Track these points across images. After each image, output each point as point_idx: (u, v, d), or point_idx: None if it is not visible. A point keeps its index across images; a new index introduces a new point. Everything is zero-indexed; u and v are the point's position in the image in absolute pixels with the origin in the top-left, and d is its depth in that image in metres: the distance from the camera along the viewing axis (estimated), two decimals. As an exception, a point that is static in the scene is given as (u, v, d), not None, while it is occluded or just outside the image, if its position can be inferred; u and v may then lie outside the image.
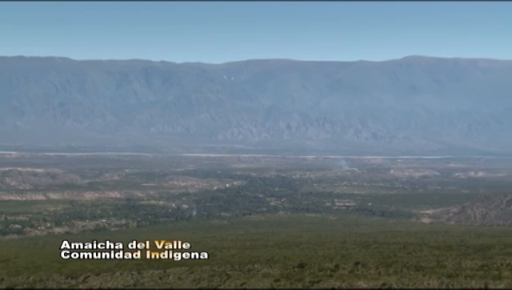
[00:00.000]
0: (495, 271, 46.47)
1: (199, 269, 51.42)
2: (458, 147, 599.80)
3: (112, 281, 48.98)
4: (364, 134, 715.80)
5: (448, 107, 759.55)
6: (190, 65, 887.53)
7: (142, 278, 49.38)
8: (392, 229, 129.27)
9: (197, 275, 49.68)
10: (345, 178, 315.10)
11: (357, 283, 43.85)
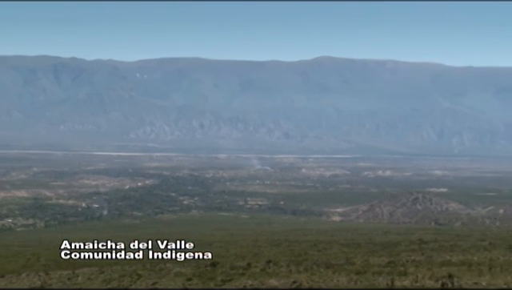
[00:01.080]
0: (401, 268, 47.80)
1: (109, 269, 50.62)
2: (366, 147, 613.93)
3: (17, 283, 47.56)
4: (276, 134, 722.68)
5: (357, 107, 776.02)
6: (101, 62, 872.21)
7: (50, 279, 48.17)
8: (303, 227, 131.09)
9: (107, 276, 48.88)
10: (257, 177, 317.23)
11: (268, 281, 44.19)
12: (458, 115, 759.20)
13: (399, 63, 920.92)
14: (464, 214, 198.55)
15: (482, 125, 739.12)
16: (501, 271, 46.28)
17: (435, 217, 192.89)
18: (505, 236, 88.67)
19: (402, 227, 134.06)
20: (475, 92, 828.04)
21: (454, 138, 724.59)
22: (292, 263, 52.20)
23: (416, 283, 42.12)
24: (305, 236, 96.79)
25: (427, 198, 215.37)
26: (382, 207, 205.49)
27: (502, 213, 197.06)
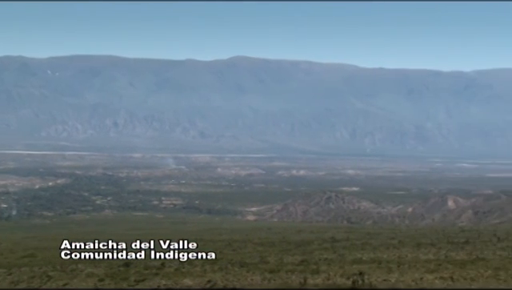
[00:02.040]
0: (314, 266, 48.50)
1: (18, 270, 49.23)
2: (281, 146, 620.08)
3: None
4: (192, 133, 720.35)
5: (273, 107, 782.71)
6: (10, 58, 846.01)
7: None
8: (218, 227, 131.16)
9: (15, 277, 47.53)
10: (172, 176, 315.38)
11: (182, 280, 44.00)
12: (369, 116, 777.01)
13: (313, 64, 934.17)
14: (375, 212, 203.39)
15: (393, 125, 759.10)
16: (409, 268, 47.64)
17: (347, 216, 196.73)
18: (413, 234, 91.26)
19: (315, 226, 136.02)
20: (386, 93, 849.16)
21: (366, 138, 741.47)
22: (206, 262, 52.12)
23: (328, 280, 42.81)
24: (220, 236, 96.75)
25: (340, 197, 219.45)
26: (295, 206, 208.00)
27: (410, 212, 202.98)
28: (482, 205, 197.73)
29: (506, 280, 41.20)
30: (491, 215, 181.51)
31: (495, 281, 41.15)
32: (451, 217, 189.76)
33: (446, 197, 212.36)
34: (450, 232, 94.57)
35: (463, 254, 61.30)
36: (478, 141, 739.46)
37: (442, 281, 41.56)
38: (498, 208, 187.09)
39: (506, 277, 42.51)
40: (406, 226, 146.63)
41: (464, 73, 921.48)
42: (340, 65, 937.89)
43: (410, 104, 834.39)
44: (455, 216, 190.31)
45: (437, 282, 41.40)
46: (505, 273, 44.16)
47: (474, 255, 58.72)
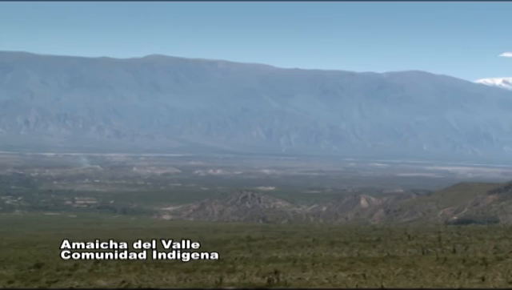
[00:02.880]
0: (230, 265, 48.54)
1: None
2: (198, 146, 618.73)
3: None
4: (107, 132, 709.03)
5: (189, 107, 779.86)
6: None
7: None
8: (133, 226, 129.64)
9: None
10: (86, 175, 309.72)
11: (96, 281, 43.23)
12: (285, 116, 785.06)
13: (231, 64, 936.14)
14: (290, 211, 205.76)
15: (308, 125, 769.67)
16: (323, 266, 48.32)
17: (263, 215, 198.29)
18: (327, 233, 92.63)
19: (232, 225, 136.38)
20: (302, 94, 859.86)
21: (282, 138, 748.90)
22: (121, 262, 51.37)
23: (244, 279, 42.94)
24: (135, 236, 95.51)
25: (256, 196, 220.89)
26: (212, 205, 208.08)
27: (324, 210, 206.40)
28: (394, 204, 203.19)
29: (415, 277, 42.37)
30: (402, 214, 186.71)
31: (405, 278, 42.26)
32: (364, 216, 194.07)
33: (359, 196, 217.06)
34: (363, 231, 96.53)
35: (375, 252, 62.65)
36: (389, 141, 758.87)
37: (354, 279, 42.35)
38: (408, 207, 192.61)
39: (415, 274, 43.72)
40: (320, 225, 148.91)
41: (377, 74, 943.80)
42: (257, 65, 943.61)
43: (324, 104, 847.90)
44: (368, 215, 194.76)
45: (349, 280, 42.17)
46: (414, 270, 45.41)
47: (385, 253, 60.11)
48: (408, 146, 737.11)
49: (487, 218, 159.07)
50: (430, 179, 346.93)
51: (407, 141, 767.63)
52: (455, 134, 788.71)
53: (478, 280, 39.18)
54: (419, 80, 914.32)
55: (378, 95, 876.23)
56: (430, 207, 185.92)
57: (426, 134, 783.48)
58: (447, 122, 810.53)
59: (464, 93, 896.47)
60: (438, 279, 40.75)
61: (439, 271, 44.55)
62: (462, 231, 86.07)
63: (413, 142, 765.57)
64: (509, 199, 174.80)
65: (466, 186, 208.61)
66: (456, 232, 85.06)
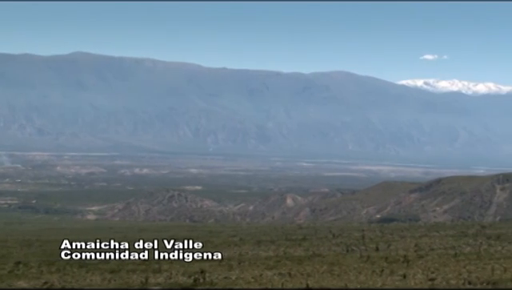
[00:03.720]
0: (155, 265, 48.17)
1: None
2: (124, 145, 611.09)
3: None
4: (29, 130, 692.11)
5: (115, 105, 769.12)
6: None
7: None
8: (56, 226, 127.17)
9: None
10: (7, 174, 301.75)
11: (17, 282, 42.23)
12: (212, 115, 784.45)
13: (157, 62, 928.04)
14: (217, 211, 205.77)
15: (235, 125, 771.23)
16: (249, 265, 48.57)
17: (190, 214, 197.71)
18: (254, 232, 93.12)
19: (158, 225, 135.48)
20: (229, 93, 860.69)
21: (209, 137, 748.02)
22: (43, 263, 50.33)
23: (170, 279, 42.72)
24: (58, 236, 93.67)
25: (183, 195, 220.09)
26: (138, 205, 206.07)
27: (251, 210, 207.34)
28: (319, 203, 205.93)
29: (339, 275, 43.04)
30: (327, 213, 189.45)
31: (330, 276, 42.87)
32: (290, 215, 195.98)
33: (286, 195, 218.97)
34: (289, 229, 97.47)
35: (301, 250, 63.41)
36: (315, 141, 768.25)
37: (280, 277, 42.71)
38: (333, 206, 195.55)
39: (339, 272, 44.42)
40: (247, 224, 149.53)
41: (303, 74, 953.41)
42: (184, 64, 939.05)
43: (251, 104, 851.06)
44: (294, 214, 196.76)
45: (275, 278, 42.49)
46: (339, 268, 46.16)
47: (310, 252, 60.93)
48: (333, 145, 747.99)
49: (409, 216, 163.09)
50: (354, 178, 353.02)
51: (333, 141, 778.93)
52: (379, 134, 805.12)
53: (399, 278, 40.11)
54: (344, 81, 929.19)
55: (303, 95, 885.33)
56: (354, 206, 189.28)
57: (350, 134, 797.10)
58: (371, 123, 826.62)
59: (387, 94, 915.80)
60: (361, 277, 41.51)
61: (362, 268, 45.42)
62: (385, 230, 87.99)
63: (338, 141, 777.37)
64: (429, 197, 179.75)
65: (389, 185, 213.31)
66: (379, 231, 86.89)
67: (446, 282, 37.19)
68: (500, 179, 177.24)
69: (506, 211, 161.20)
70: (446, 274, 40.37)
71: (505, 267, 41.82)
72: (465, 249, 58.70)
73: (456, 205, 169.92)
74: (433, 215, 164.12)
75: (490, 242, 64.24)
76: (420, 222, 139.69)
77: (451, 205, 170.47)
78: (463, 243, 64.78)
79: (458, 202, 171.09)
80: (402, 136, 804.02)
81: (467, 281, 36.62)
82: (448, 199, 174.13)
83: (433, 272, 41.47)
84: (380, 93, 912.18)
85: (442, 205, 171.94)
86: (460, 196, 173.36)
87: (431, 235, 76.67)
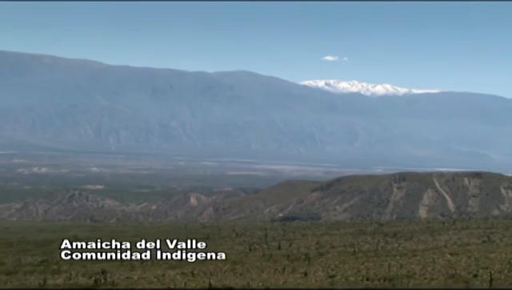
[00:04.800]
0: (54, 266, 47.09)
1: None
2: (21, 143, 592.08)
3: None
4: None
5: (11, 102, 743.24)
6: None
7: None
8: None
9: None
10: None
11: None
12: (115, 113, 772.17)
13: (57, 59, 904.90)
14: (119, 210, 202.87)
15: (138, 123, 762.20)
16: (151, 265, 48.14)
17: (91, 214, 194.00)
18: (156, 231, 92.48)
19: (58, 225, 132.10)
20: (132, 91, 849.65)
21: (111, 135, 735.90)
22: None
23: (69, 280, 41.86)
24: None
25: (84, 195, 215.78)
26: (36, 204, 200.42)
27: (154, 209, 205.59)
28: (223, 202, 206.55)
29: (242, 274, 43.33)
30: (231, 212, 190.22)
31: (233, 275, 43.10)
32: (194, 214, 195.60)
33: (189, 195, 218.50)
34: (192, 229, 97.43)
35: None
36: (219, 140, 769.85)
37: (183, 277, 42.60)
38: (236, 205, 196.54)
39: (242, 271, 44.73)
40: (149, 223, 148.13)
41: (207, 74, 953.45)
42: (85, 61, 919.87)
43: (155, 103, 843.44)
44: (197, 213, 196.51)
45: (178, 278, 42.35)
46: (241, 267, 46.47)
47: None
48: (237, 145, 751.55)
49: (310, 215, 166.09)
50: (257, 177, 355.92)
51: (236, 140, 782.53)
52: (281, 133, 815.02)
53: (301, 275, 40.79)
54: (248, 80, 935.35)
55: (208, 95, 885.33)
56: (257, 205, 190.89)
57: (254, 133, 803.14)
58: (274, 122, 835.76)
59: (290, 94, 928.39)
60: (263, 275, 41.96)
61: (265, 267, 45.92)
62: (287, 228, 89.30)
63: (242, 141, 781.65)
64: (330, 196, 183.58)
65: (291, 184, 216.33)
66: (281, 229, 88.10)
67: (345, 279, 38.10)
68: (397, 179, 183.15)
69: (403, 210, 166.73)
70: (345, 271, 41.34)
71: (401, 263, 43.23)
72: (363, 247, 60.30)
73: (355, 204, 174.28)
74: (333, 214, 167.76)
75: (387, 239, 66.27)
76: (321, 220, 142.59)
77: (351, 204, 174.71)
78: (362, 240, 66.53)
79: (358, 200, 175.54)
80: (304, 136, 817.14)
81: (365, 278, 37.63)
82: (348, 198, 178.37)
83: (333, 270, 42.39)
84: (283, 93, 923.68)
85: (342, 204, 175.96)
86: (359, 195, 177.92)
87: (332, 233, 78.35)
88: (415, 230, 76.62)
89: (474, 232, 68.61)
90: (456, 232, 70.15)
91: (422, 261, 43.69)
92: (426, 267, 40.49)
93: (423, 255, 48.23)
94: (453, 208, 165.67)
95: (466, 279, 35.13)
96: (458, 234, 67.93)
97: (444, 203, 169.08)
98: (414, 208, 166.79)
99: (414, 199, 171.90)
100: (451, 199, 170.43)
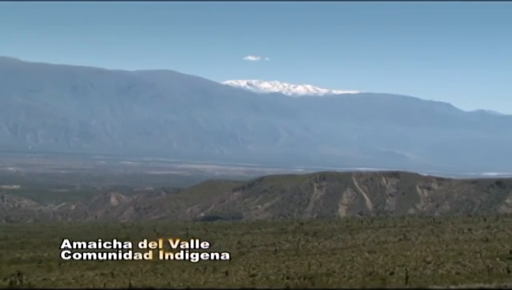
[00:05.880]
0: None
1: None
2: None
3: None
4: None
5: None
6: None
7: None
8: None
9: None
10: None
11: None
12: (32, 111, 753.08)
13: None
14: (36, 210, 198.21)
15: (57, 122, 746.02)
16: (70, 265, 47.30)
17: (6, 214, 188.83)
18: (75, 232, 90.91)
19: None
20: (50, 89, 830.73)
21: (28, 134, 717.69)
22: None
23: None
24: None
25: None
26: None
27: (73, 209, 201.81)
28: (144, 202, 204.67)
29: (163, 274, 43.07)
30: (152, 211, 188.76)
31: (153, 275, 42.79)
32: (114, 214, 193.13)
33: (109, 194, 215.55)
34: (112, 229, 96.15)
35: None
36: (140, 139, 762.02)
37: (102, 278, 42.04)
38: (158, 204, 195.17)
39: (163, 271, 44.45)
40: (68, 223, 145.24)
41: (127, 72, 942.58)
42: (0, 58, 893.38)
43: (74, 101, 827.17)
44: (118, 213, 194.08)
45: (97, 278, 41.75)
46: (162, 267, 46.18)
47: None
48: (158, 144, 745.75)
49: (232, 214, 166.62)
50: (179, 176, 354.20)
51: (158, 139, 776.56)
52: (203, 133, 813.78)
53: (222, 275, 40.86)
54: (169, 79, 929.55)
55: (128, 93, 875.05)
56: (178, 205, 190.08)
57: (175, 132, 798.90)
58: (196, 122, 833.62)
59: (212, 93, 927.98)
60: (184, 275, 41.83)
61: (186, 266, 45.78)
62: (209, 228, 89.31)
63: (163, 140, 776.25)
64: (252, 196, 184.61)
65: (213, 184, 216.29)
66: (203, 229, 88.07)
67: (266, 278, 38.39)
68: (317, 178, 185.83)
69: (323, 209, 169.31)
70: (266, 270, 41.64)
71: (320, 262, 43.87)
72: (284, 245, 60.89)
73: (277, 203, 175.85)
74: (255, 213, 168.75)
75: (307, 238, 67.12)
76: (243, 220, 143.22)
77: (272, 203, 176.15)
78: (283, 239, 67.17)
79: (279, 200, 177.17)
80: (226, 135, 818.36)
81: (286, 276, 38.00)
82: (269, 197, 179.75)
83: (254, 269, 42.63)
84: (205, 92, 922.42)
85: (264, 203, 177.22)
86: (280, 194, 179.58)
87: (253, 232, 78.81)
88: (335, 229, 77.88)
89: (391, 231, 70.29)
90: (374, 231, 71.70)
91: (341, 259, 44.43)
92: (345, 265, 41.22)
93: (342, 253, 49.08)
94: (371, 207, 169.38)
95: (383, 276, 35.94)
96: (375, 232, 69.44)
97: (362, 202, 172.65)
98: (333, 207, 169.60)
99: (334, 198, 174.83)
100: (369, 198, 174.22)
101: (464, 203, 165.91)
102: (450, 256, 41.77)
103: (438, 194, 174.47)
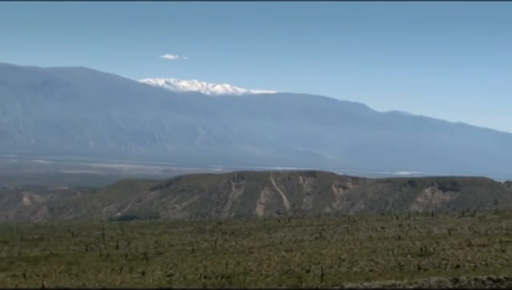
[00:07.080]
0: None
1: None
2: None
3: None
4: None
5: None
6: None
7: None
8: None
9: None
10: None
11: None
12: None
13: None
14: None
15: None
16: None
17: None
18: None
19: None
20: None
21: None
22: None
23: None
24: None
25: None
26: None
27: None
28: (58, 201, 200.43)
29: (77, 274, 42.34)
30: (67, 211, 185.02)
31: (68, 276, 42.01)
32: (27, 214, 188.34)
33: (22, 194, 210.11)
34: (25, 229, 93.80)
35: (37, 250, 61.49)
36: (54, 137, 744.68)
37: (14, 279, 40.99)
38: (73, 204, 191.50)
39: (78, 271, 43.71)
40: None
41: (41, 69, 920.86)
42: None
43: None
44: (31, 213, 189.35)
45: (8, 280, 40.68)
46: (77, 267, 45.40)
47: (47, 251, 59.27)
48: (73, 143, 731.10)
49: (149, 214, 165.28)
50: (95, 176, 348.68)
51: (73, 138, 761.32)
52: (120, 132, 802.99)
53: (138, 275, 40.46)
54: (85, 77, 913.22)
55: (42, 90, 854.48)
56: (94, 204, 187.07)
57: (91, 131, 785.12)
58: (112, 120, 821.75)
59: (129, 92, 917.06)
60: (100, 276, 41.21)
61: (102, 267, 45.15)
62: (126, 227, 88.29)
63: (78, 139, 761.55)
64: (169, 195, 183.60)
65: (130, 183, 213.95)
66: (119, 228, 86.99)
67: (183, 277, 38.24)
68: (235, 177, 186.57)
69: (241, 208, 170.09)
70: (183, 269, 41.49)
71: (238, 261, 44.04)
72: (202, 245, 60.86)
73: (195, 202, 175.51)
74: (172, 212, 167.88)
75: (225, 237, 67.30)
76: (160, 219, 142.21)
77: (190, 202, 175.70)
78: (201, 238, 67.14)
79: (197, 199, 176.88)
80: (143, 134, 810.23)
81: (203, 276, 37.96)
82: (187, 197, 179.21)
83: (171, 268, 42.40)
84: (122, 91, 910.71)
85: (182, 202, 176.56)
86: (198, 193, 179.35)
87: (171, 231, 78.44)
88: (252, 228, 78.37)
89: (308, 229, 71.29)
90: (291, 229, 72.54)
91: (258, 258, 44.73)
92: (262, 263, 41.51)
93: (259, 252, 49.42)
94: (288, 206, 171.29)
95: (300, 274, 36.37)
96: (292, 231, 70.28)
97: (280, 201, 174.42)
98: (251, 206, 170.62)
99: (252, 197, 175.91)
100: (287, 197, 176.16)
101: (378, 202, 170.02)
102: (363, 254, 42.68)
103: (353, 193, 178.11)
